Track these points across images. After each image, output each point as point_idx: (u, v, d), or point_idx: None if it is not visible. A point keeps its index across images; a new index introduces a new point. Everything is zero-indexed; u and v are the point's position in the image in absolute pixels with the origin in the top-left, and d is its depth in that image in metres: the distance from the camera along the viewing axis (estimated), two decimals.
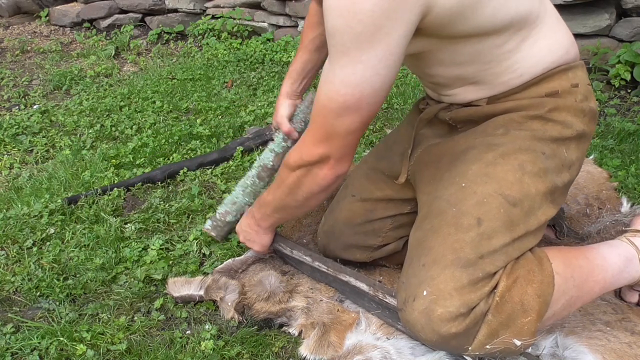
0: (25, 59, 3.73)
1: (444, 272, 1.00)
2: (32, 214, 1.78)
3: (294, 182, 1.11)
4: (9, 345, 1.27)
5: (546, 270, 1.03)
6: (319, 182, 1.08)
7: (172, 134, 2.30)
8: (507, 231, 1.03)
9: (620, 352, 1.16)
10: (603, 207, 1.64)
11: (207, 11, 3.87)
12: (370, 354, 1.16)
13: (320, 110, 0.99)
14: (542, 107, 1.09)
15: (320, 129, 1.01)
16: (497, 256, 1.01)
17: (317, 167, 1.06)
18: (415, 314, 1.01)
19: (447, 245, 1.02)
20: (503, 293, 1.00)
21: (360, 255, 1.39)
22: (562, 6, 2.49)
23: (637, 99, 2.40)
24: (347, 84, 0.93)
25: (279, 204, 1.21)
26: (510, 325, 1.00)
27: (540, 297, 1.01)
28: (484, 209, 1.03)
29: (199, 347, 1.24)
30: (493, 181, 1.05)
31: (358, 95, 0.94)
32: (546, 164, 1.08)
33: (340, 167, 1.06)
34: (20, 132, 2.49)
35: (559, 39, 1.10)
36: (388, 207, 1.34)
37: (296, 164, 1.08)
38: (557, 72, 1.09)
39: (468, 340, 1.00)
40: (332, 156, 1.03)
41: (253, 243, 1.38)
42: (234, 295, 1.33)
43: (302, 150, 1.07)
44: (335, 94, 0.95)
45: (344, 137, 1.00)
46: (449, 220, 1.05)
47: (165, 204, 1.82)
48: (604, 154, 1.94)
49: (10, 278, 1.50)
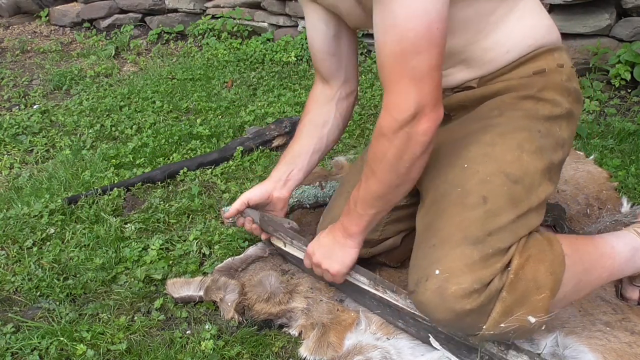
0: (25, 59, 3.73)
1: (454, 250, 1.01)
2: (32, 214, 1.78)
3: (396, 152, 0.99)
4: (9, 345, 1.27)
5: (556, 250, 1.05)
6: (422, 139, 0.98)
7: (172, 134, 2.30)
8: (512, 208, 1.04)
9: (621, 351, 1.16)
10: (603, 207, 1.64)
11: (207, 11, 3.87)
12: (370, 354, 1.16)
13: (395, 60, 0.93)
14: (532, 87, 1.12)
15: (403, 81, 0.94)
16: (505, 233, 1.02)
17: (416, 123, 0.96)
18: (428, 293, 1.01)
19: (454, 224, 1.03)
20: (517, 270, 1.00)
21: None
22: (562, 6, 2.49)
23: (637, 99, 2.40)
24: (412, 14, 0.90)
25: (378, 190, 1.06)
26: (525, 302, 1.00)
27: (552, 274, 1.02)
28: (487, 187, 1.05)
29: (199, 347, 1.24)
30: (493, 160, 1.07)
31: (427, 20, 0.90)
32: (542, 142, 1.10)
33: (437, 114, 0.98)
34: (20, 132, 2.49)
35: (542, 18, 1.14)
36: None
37: (393, 129, 0.97)
38: (543, 52, 1.12)
39: (482, 318, 1.00)
40: (427, 104, 0.95)
41: (332, 262, 1.17)
42: (234, 295, 1.33)
43: (392, 113, 0.97)
44: (405, 33, 0.91)
45: (429, 75, 0.94)
46: (454, 200, 1.06)
47: (165, 204, 1.82)
48: (604, 154, 1.94)
49: (11, 278, 1.50)
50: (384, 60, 0.96)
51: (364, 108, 2.51)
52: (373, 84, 2.80)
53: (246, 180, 1.95)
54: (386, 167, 1.02)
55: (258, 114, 2.49)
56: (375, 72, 2.93)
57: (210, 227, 1.68)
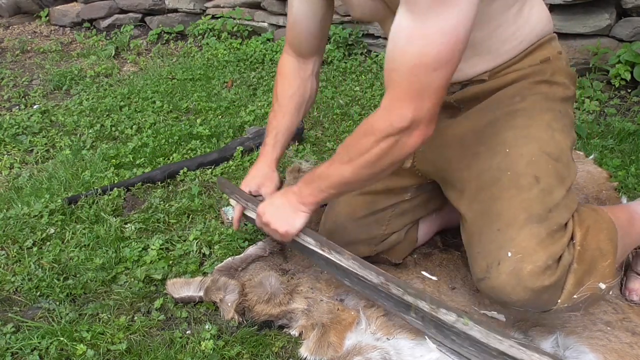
0: (25, 59, 3.73)
1: (522, 231, 1.03)
2: (32, 214, 1.78)
3: (379, 153, 1.01)
4: (9, 345, 1.27)
5: (606, 218, 1.12)
6: (406, 150, 1.00)
7: (172, 134, 2.30)
8: (561, 184, 1.08)
9: (622, 352, 1.16)
10: None
11: (207, 11, 3.87)
12: (370, 354, 1.16)
13: (411, 71, 0.92)
14: (544, 73, 1.15)
15: (410, 92, 0.94)
16: (561, 208, 1.06)
17: (407, 134, 0.97)
18: (503, 277, 1.03)
19: (515, 206, 1.06)
20: (581, 242, 1.05)
21: (364, 249, 1.38)
22: (562, 6, 2.49)
23: (637, 99, 2.40)
24: (445, 31, 0.88)
25: (349, 178, 1.08)
26: (593, 271, 1.05)
27: (611, 240, 1.09)
28: (536, 167, 1.08)
29: (199, 347, 1.24)
30: (533, 141, 1.11)
31: (454, 41, 0.89)
32: (564, 120, 1.16)
33: (429, 131, 0.99)
34: (20, 132, 2.49)
35: (545, 8, 1.18)
36: (389, 196, 1.36)
37: (385, 133, 0.99)
38: (545, 41, 1.16)
39: (558, 292, 1.04)
40: (424, 119, 0.96)
41: (281, 223, 1.20)
42: (234, 295, 1.33)
43: (391, 118, 0.97)
44: (431, 47, 0.89)
45: (436, 94, 0.94)
46: (507, 184, 1.08)
47: (165, 204, 1.81)
48: (604, 154, 1.94)
49: (11, 278, 1.50)
50: (399, 67, 0.94)
51: (363, 108, 2.51)
52: (373, 84, 2.80)
53: None
54: (363, 163, 1.04)
55: (258, 114, 2.49)
56: (375, 72, 2.93)
57: (210, 227, 1.68)
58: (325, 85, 2.80)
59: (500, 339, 1.00)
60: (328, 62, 3.13)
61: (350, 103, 2.59)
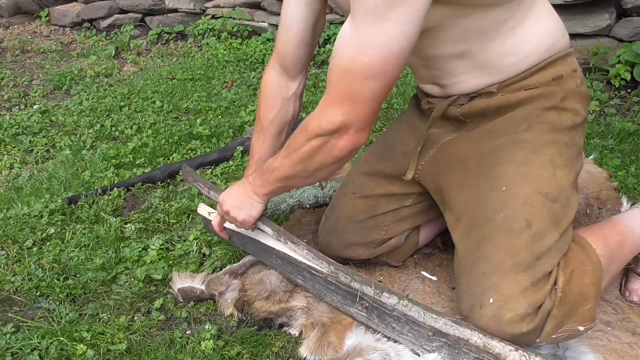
0: (25, 59, 3.73)
1: (507, 278, 1.04)
2: (32, 214, 1.78)
3: (309, 151, 1.05)
4: (9, 345, 1.27)
5: (593, 257, 1.10)
6: (335, 153, 1.02)
7: (172, 134, 2.30)
8: (555, 228, 1.07)
9: (622, 352, 1.16)
10: (603, 207, 1.63)
11: (207, 11, 3.87)
12: (370, 356, 1.15)
13: (343, 75, 0.94)
14: (554, 96, 1.12)
15: (342, 95, 0.95)
16: (551, 254, 1.06)
17: (336, 137, 1.00)
18: (484, 319, 1.04)
19: (503, 251, 1.06)
20: (564, 287, 1.05)
21: (363, 252, 1.38)
22: (562, 6, 2.49)
23: (637, 99, 2.40)
24: (375, 43, 0.89)
25: (287, 172, 1.13)
26: (574, 314, 1.06)
27: (595, 284, 1.08)
28: (530, 210, 1.07)
29: (199, 347, 1.24)
30: (531, 180, 1.09)
31: (385, 55, 0.89)
32: (569, 153, 1.13)
33: (359, 138, 1.00)
34: (21, 132, 2.49)
35: (555, 20, 1.14)
36: (390, 201, 1.36)
37: (314, 132, 1.02)
38: (560, 57, 1.12)
39: (537, 334, 1.05)
40: (353, 125, 0.97)
41: (239, 211, 1.27)
42: (234, 293, 1.33)
43: (321, 118, 1.00)
44: (361, 56, 0.90)
45: (367, 103, 0.95)
46: (499, 226, 1.08)
47: (165, 204, 1.81)
48: (604, 154, 1.94)
49: (11, 278, 1.50)
50: (335, 69, 0.96)
51: None
52: None
53: None
54: (296, 159, 1.08)
55: None
56: None
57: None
58: (325, 85, 2.80)
59: (435, 317, 1.08)
60: (328, 62, 3.13)
61: None
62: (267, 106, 1.36)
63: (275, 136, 1.38)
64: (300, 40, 1.28)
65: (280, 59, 1.33)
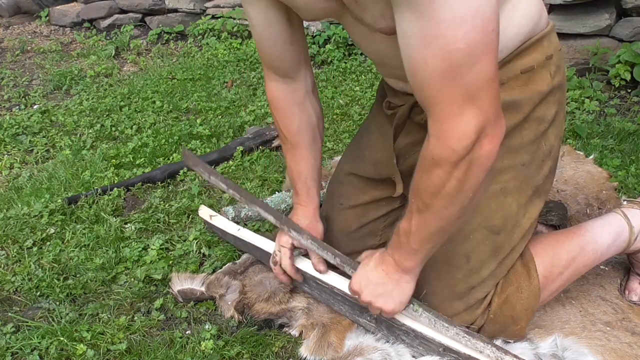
0: (25, 59, 3.73)
1: (443, 304, 1.14)
2: (32, 214, 1.78)
3: (457, 184, 0.85)
4: (9, 345, 1.27)
5: (533, 284, 1.14)
6: (485, 163, 0.84)
7: (172, 134, 2.30)
8: (493, 259, 1.12)
9: (621, 352, 1.16)
10: (603, 207, 1.64)
11: (207, 11, 3.87)
12: (370, 355, 1.15)
13: (442, 80, 0.77)
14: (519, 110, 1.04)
15: (456, 101, 0.78)
16: (487, 282, 1.13)
17: (478, 149, 0.81)
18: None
19: (442, 281, 1.14)
20: (496, 310, 1.13)
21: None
22: (562, 6, 2.49)
23: (637, 99, 2.40)
24: (463, 19, 0.72)
25: (438, 225, 0.93)
26: (504, 331, 1.16)
27: (527, 309, 1.14)
28: (470, 246, 1.11)
29: (199, 347, 1.24)
30: (477, 214, 1.10)
31: (481, 23, 0.73)
32: (526, 173, 1.10)
33: (500, 129, 0.83)
34: (20, 132, 2.49)
35: (534, 2, 1.02)
36: (379, 206, 1.35)
37: (451, 161, 0.83)
38: (533, 43, 1.02)
39: None
40: (488, 122, 0.80)
41: (387, 300, 1.06)
42: (235, 294, 1.33)
43: (447, 142, 0.81)
44: (454, 43, 0.73)
45: (487, 87, 0.78)
46: (443, 258, 1.12)
47: (165, 204, 1.82)
48: (604, 154, 1.94)
49: (11, 278, 1.50)
50: (426, 81, 0.79)
51: (363, 108, 2.51)
52: (373, 84, 2.80)
53: (246, 180, 1.95)
54: (444, 202, 0.88)
55: (258, 114, 2.49)
56: (375, 72, 2.93)
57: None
58: (325, 85, 2.80)
59: (447, 326, 1.09)
60: (328, 62, 3.13)
61: (350, 103, 2.59)
62: (285, 120, 1.23)
63: (310, 146, 1.24)
64: (284, 41, 1.13)
65: (273, 69, 1.20)
